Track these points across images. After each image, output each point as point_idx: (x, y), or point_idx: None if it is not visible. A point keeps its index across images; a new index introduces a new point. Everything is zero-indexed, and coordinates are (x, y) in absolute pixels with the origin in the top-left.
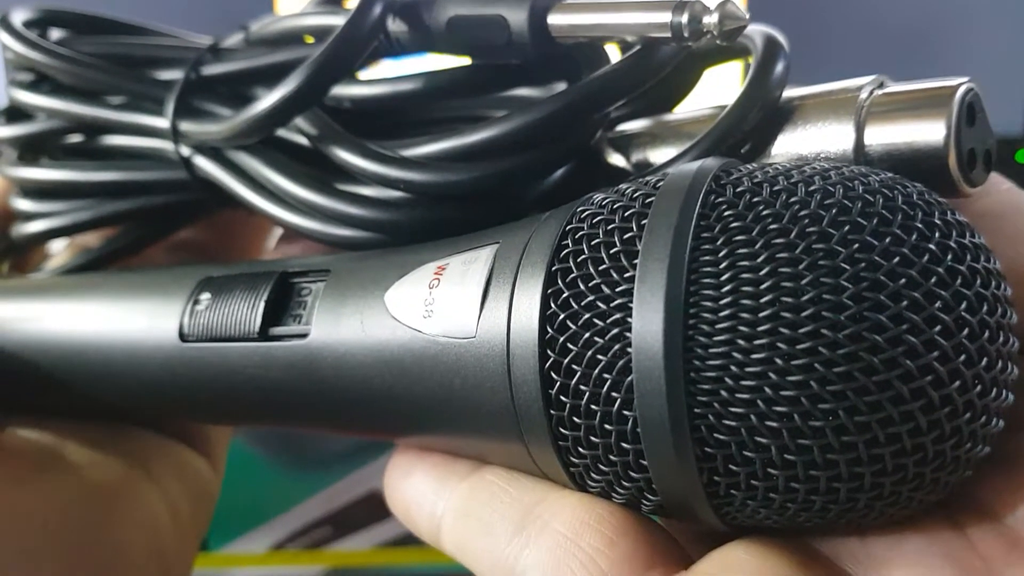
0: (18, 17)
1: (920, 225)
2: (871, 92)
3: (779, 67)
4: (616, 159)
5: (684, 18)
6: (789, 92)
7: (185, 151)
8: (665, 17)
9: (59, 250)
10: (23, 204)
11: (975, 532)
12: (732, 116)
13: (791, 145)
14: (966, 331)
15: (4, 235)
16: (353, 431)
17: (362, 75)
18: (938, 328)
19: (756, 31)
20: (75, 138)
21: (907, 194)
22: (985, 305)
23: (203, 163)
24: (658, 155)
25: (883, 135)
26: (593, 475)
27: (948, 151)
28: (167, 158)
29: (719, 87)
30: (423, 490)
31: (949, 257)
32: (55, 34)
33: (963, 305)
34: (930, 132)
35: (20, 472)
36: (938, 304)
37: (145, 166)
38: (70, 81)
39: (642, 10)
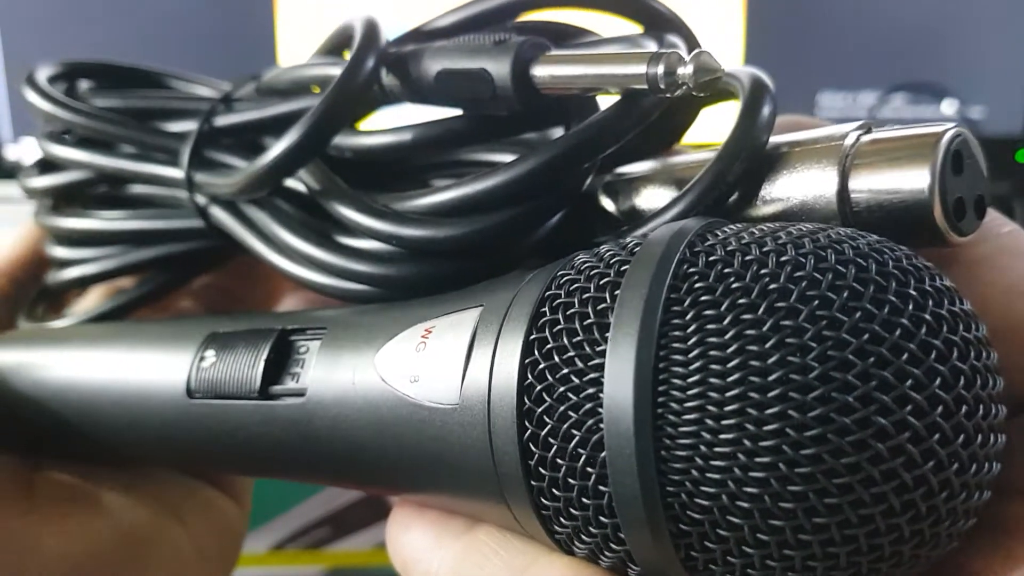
0: (43, 72)
1: (893, 298)
2: (856, 139)
3: (764, 112)
4: (610, 204)
5: (660, 70)
6: (776, 138)
7: (201, 200)
8: (641, 69)
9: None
10: (57, 251)
11: None
12: (716, 169)
13: (777, 193)
14: (940, 409)
15: (39, 280)
16: (352, 487)
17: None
18: (909, 408)
19: (743, 73)
20: (103, 188)
21: (882, 263)
22: (962, 379)
23: (218, 213)
24: (652, 200)
25: (868, 183)
26: (577, 543)
27: (932, 200)
28: (185, 207)
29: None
30: (420, 547)
31: (923, 331)
32: (84, 85)
33: (937, 381)
34: (914, 181)
35: (53, 514)
36: (909, 382)
37: (166, 215)
38: (89, 134)
39: (620, 62)
